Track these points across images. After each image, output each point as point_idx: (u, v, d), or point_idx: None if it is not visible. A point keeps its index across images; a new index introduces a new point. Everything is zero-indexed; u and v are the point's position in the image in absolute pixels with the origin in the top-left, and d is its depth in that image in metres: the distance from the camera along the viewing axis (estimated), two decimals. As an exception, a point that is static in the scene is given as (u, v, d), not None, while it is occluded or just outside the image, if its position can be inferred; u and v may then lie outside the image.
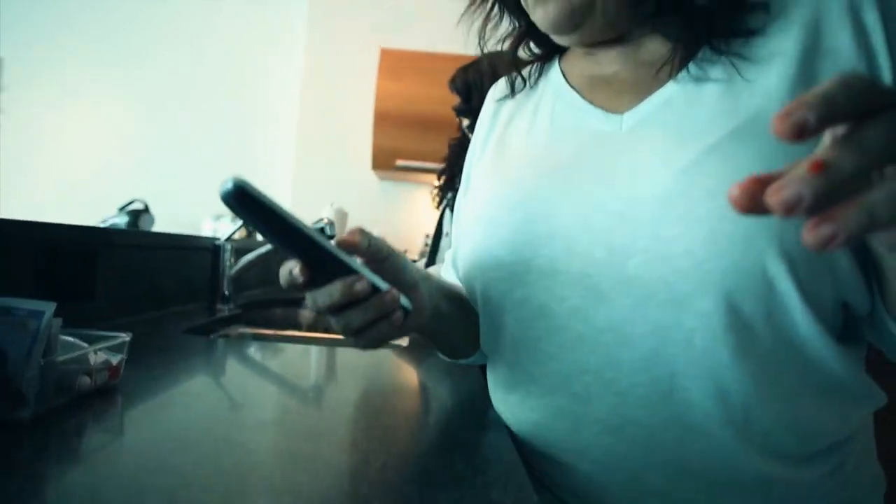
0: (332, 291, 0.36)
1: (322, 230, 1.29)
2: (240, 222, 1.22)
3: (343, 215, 1.78)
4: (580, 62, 0.53)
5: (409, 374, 0.76)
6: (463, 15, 0.58)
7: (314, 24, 2.75)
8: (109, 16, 2.86)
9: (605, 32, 0.47)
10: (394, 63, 2.40)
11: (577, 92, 0.50)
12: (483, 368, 0.61)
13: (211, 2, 2.87)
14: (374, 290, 0.37)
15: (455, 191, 1.43)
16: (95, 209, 2.57)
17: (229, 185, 0.31)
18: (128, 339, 0.50)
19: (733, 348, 0.36)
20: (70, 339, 0.45)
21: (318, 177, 2.70)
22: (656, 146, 0.41)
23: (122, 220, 2.59)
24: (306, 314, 1.56)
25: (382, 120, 2.35)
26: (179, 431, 0.42)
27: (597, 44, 0.49)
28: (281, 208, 0.33)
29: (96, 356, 0.46)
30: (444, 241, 1.47)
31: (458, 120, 1.53)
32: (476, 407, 0.56)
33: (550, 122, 0.50)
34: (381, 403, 0.60)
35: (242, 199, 0.31)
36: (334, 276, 0.36)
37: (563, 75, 0.53)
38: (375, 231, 1.64)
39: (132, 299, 0.97)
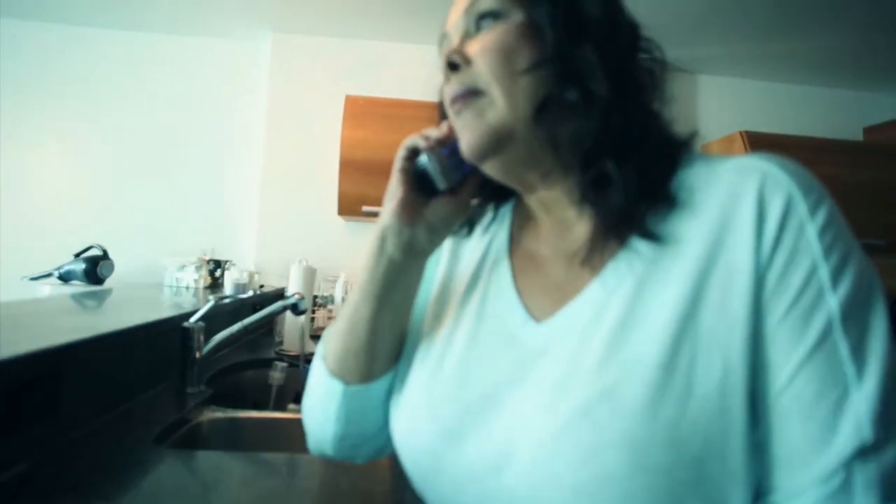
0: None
1: (295, 305, 1.30)
2: (209, 303, 1.21)
3: (311, 272, 1.78)
4: (526, 226, 0.54)
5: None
6: None
7: (277, 70, 2.75)
8: (69, 60, 2.80)
9: (529, 164, 0.47)
10: (359, 110, 2.42)
11: (513, 271, 0.51)
12: None
13: (174, 46, 2.83)
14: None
15: None
16: (54, 253, 2.49)
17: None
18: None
19: None
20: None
21: (283, 221, 2.69)
22: (548, 385, 0.42)
23: (77, 268, 2.50)
24: (276, 375, 1.56)
25: (348, 167, 2.36)
26: None
27: (535, 196, 0.50)
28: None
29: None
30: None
31: None
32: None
33: (481, 301, 0.51)
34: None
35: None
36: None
37: (510, 235, 0.54)
38: (343, 274, 1.69)
39: (98, 400, 0.96)
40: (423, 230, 0.51)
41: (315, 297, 2.26)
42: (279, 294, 2.42)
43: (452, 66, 0.47)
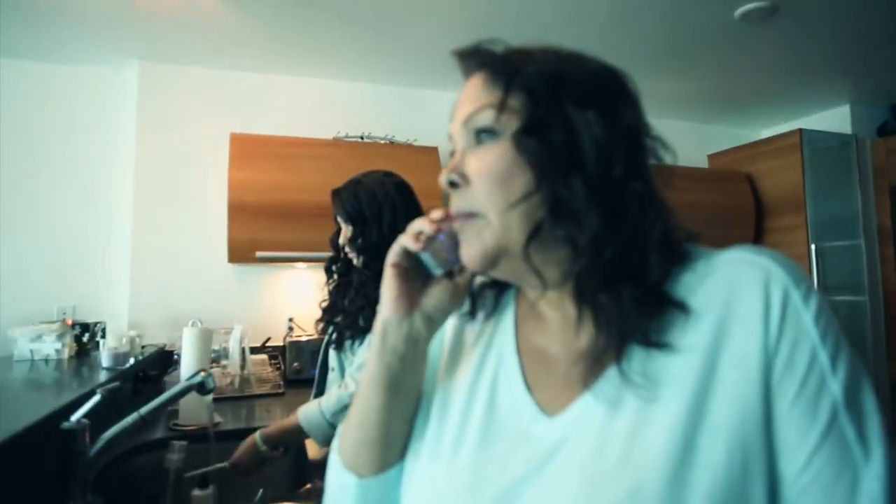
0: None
1: (202, 385, 1.16)
2: (95, 397, 1.04)
3: (208, 334, 1.61)
4: (533, 321, 0.54)
5: None
6: None
7: (145, 103, 2.48)
8: None
9: (528, 276, 0.48)
10: (246, 149, 2.27)
11: (522, 366, 0.51)
12: None
13: (16, 73, 2.43)
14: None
15: (337, 325, 1.35)
16: None
17: None
18: None
19: None
20: None
21: (162, 271, 2.41)
22: (573, 485, 0.42)
23: None
24: (173, 458, 1.38)
25: (237, 210, 2.20)
26: None
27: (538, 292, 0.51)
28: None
29: None
30: (331, 376, 1.40)
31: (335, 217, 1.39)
32: None
33: (490, 394, 0.51)
34: None
35: None
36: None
37: (515, 327, 0.54)
38: (238, 326, 1.54)
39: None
40: (421, 319, 0.52)
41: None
42: (167, 355, 2.17)
43: (453, 185, 0.49)
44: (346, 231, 1.29)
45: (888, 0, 2.08)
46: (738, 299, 0.42)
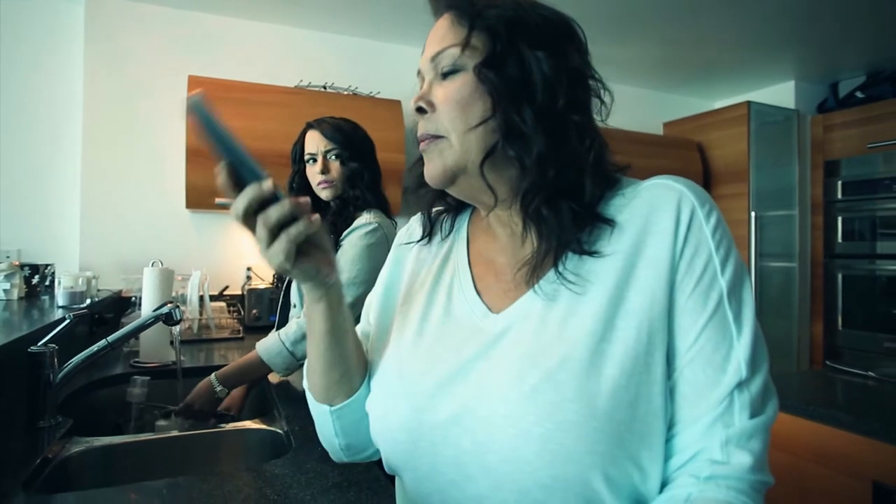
0: (245, 193, 0.48)
1: (170, 315, 1.18)
2: (66, 321, 1.06)
3: (168, 274, 1.61)
4: (483, 237, 0.62)
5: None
6: None
7: (94, 39, 2.35)
8: None
9: (483, 191, 0.56)
10: (206, 93, 2.21)
11: (473, 275, 0.60)
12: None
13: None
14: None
15: None
16: None
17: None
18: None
19: None
20: None
21: (115, 215, 2.35)
22: (514, 360, 0.51)
23: None
24: (135, 392, 1.41)
25: (197, 156, 2.16)
26: None
27: (489, 209, 0.59)
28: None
29: None
30: (292, 312, 1.44)
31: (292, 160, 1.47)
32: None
33: (447, 300, 0.60)
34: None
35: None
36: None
37: (468, 244, 0.63)
38: (197, 272, 1.56)
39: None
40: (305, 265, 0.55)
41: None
42: (122, 300, 2.15)
43: (420, 111, 0.56)
44: (325, 144, 1.34)
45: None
46: (656, 215, 0.52)
